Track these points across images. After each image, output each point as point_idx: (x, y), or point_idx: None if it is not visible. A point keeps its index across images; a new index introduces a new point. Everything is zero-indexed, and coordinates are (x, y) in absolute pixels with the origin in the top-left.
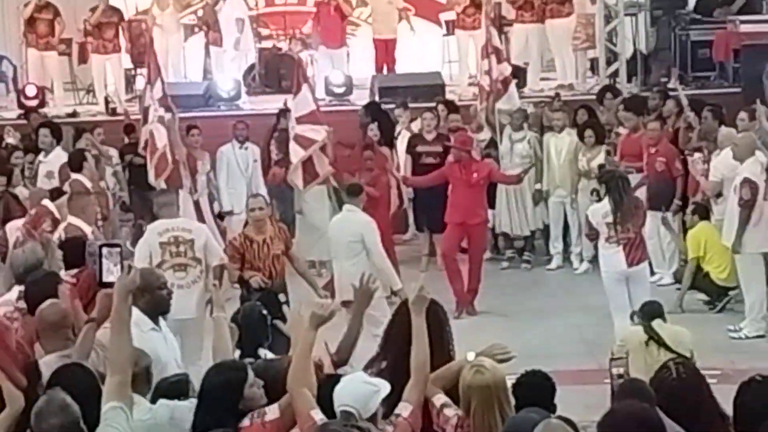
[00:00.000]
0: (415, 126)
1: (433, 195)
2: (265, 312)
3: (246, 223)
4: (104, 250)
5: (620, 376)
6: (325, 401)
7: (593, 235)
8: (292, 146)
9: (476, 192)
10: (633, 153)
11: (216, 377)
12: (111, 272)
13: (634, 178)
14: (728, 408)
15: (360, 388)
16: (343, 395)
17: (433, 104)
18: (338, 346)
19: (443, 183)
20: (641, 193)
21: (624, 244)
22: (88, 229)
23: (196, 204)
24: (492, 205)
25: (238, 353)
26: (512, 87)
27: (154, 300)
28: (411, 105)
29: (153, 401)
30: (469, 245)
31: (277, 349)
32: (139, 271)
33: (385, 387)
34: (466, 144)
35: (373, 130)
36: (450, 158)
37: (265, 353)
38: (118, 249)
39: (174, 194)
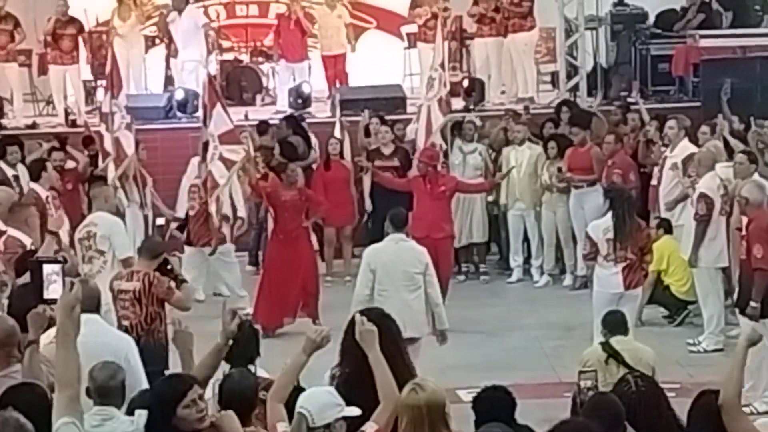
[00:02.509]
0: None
1: (391, 208)
2: (256, 326)
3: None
4: (45, 266)
5: (590, 388)
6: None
7: (592, 255)
8: (218, 165)
9: (441, 205)
10: (581, 167)
11: (158, 386)
12: (53, 288)
13: (585, 192)
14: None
15: (320, 396)
16: (302, 399)
17: (395, 117)
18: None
19: (405, 193)
20: None
21: (623, 266)
22: (27, 241)
23: (145, 218)
24: None
25: (227, 368)
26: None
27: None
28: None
29: (128, 413)
30: (435, 261)
31: None
32: (81, 287)
33: (352, 409)
34: (432, 159)
35: (333, 144)
36: (415, 171)
37: (254, 369)
38: (59, 265)
39: (105, 186)
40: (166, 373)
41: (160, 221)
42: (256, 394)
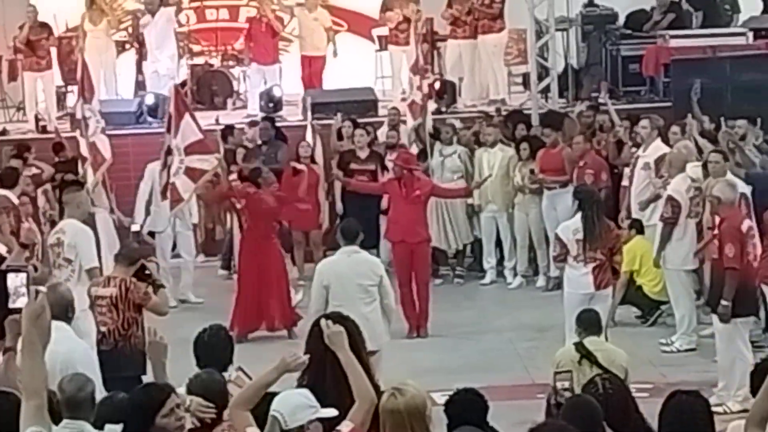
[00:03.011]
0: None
1: (362, 211)
2: (231, 333)
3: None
4: (9, 275)
5: (566, 389)
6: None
7: (562, 257)
8: (183, 179)
9: (417, 209)
10: (553, 167)
11: (135, 396)
12: (18, 297)
13: (557, 193)
14: (655, 422)
15: (293, 398)
16: (275, 402)
17: (367, 120)
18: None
19: (377, 197)
20: None
21: (593, 266)
22: (2, 249)
23: (114, 222)
24: None
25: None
26: (428, 105)
27: (72, 315)
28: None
29: (97, 426)
30: (413, 266)
31: None
32: (46, 295)
33: (329, 411)
34: (408, 162)
35: (304, 147)
36: (390, 175)
37: (228, 376)
38: (24, 274)
39: (78, 191)
40: (144, 378)
41: (136, 227)
42: (226, 392)
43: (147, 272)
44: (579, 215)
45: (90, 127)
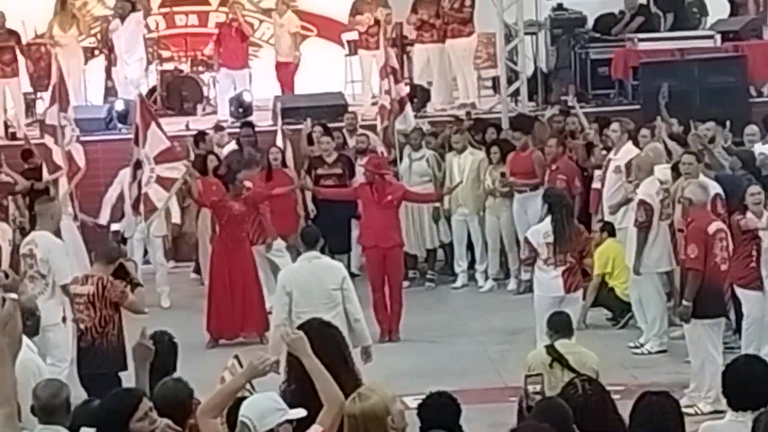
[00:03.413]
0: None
1: (333, 217)
2: (175, 339)
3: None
4: None
5: (537, 392)
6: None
7: (531, 260)
8: (155, 188)
9: (389, 214)
10: (523, 171)
11: (107, 403)
12: None
13: (528, 196)
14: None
15: (261, 402)
16: (244, 407)
17: (338, 124)
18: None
19: (349, 202)
20: None
21: (563, 269)
22: None
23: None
24: None
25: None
26: (408, 108)
27: (34, 324)
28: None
29: (72, 430)
30: (386, 270)
31: None
32: (16, 303)
33: (297, 412)
34: (380, 167)
35: (275, 152)
36: (361, 179)
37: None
38: None
39: (49, 204)
40: (121, 375)
41: (116, 227)
42: (191, 401)
43: (125, 271)
44: (549, 219)
45: (66, 136)
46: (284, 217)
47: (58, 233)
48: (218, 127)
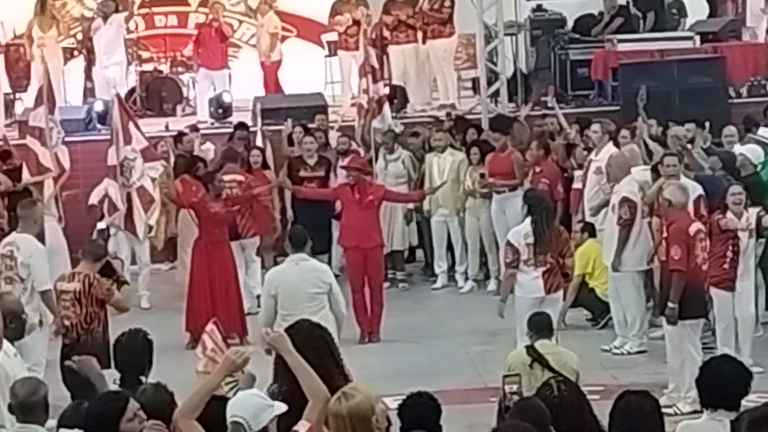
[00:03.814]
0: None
1: (313, 217)
2: (150, 337)
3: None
4: None
5: (514, 393)
6: (211, 422)
7: (515, 263)
8: (148, 181)
9: (370, 214)
10: (502, 172)
11: (93, 407)
12: None
13: (506, 197)
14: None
15: (251, 401)
16: (235, 408)
17: (314, 125)
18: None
19: (329, 202)
20: None
21: (543, 270)
22: None
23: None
24: None
25: (118, 376)
26: (386, 108)
27: (19, 327)
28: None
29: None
30: (366, 270)
31: None
32: None
33: (280, 407)
34: (364, 165)
35: (254, 157)
36: (342, 180)
37: (145, 380)
38: None
39: (33, 208)
40: (104, 372)
41: (102, 225)
42: (172, 406)
43: (112, 269)
44: (528, 220)
45: (53, 138)
46: (258, 219)
47: (39, 237)
48: (194, 128)
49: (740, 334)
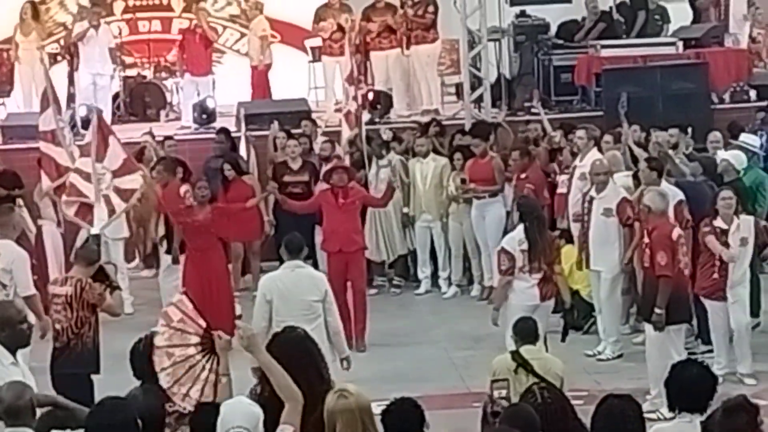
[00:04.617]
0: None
1: (296, 223)
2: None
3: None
4: None
5: (503, 398)
6: (200, 427)
7: (511, 270)
8: (115, 199)
9: (351, 217)
10: (482, 177)
11: (102, 418)
12: None
13: (486, 203)
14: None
15: (249, 409)
16: (235, 417)
17: (299, 131)
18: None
19: (314, 211)
20: None
21: (538, 278)
22: None
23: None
24: None
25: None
26: (362, 116)
27: (14, 334)
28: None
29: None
30: (349, 275)
31: None
32: None
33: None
34: (351, 172)
35: (227, 171)
36: (322, 186)
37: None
38: None
39: (11, 214)
40: (93, 378)
41: (95, 230)
42: (163, 411)
43: (105, 274)
44: (521, 227)
45: (66, 137)
46: (248, 224)
47: (21, 242)
48: (168, 137)
49: (737, 344)
